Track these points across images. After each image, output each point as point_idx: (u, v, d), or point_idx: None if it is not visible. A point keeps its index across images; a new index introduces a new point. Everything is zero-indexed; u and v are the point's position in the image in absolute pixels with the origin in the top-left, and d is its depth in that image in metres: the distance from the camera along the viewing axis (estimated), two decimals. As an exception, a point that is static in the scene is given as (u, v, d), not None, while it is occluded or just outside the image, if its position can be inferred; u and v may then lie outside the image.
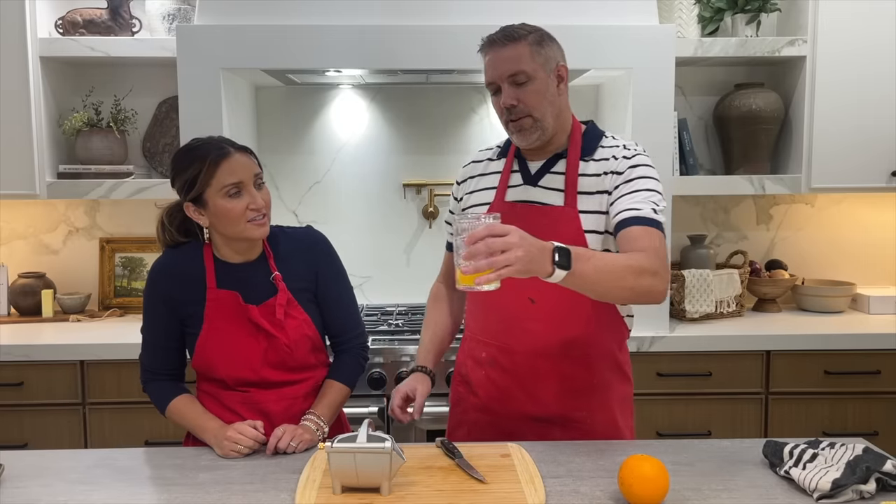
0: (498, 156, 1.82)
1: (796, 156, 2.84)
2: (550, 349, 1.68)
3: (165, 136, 2.97)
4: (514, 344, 1.71)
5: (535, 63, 1.63)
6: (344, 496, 1.35)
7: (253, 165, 1.66)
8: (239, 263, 1.71)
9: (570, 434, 1.69)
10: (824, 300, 2.93)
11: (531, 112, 1.64)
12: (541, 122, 1.65)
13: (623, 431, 1.76)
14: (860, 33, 2.71)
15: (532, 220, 1.64)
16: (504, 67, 1.63)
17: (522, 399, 1.72)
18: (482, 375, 1.77)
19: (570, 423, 1.71)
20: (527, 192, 1.72)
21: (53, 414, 2.51)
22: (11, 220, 3.02)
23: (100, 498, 1.39)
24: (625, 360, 1.78)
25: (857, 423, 2.59)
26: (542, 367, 1.70)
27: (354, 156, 3.05)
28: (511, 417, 1.73)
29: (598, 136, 1.74)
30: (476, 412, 1.79)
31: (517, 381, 1.72)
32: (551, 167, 1.72)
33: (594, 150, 1.70)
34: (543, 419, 1.71)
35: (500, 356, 1.74)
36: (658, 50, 2.51)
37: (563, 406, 1.71)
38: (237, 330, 1.68)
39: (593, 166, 1.68)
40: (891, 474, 1.37)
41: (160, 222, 1.74)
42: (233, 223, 1.63)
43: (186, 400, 1.72)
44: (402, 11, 2.50)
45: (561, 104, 1.70)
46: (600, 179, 1.66)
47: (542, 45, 1.64)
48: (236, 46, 2.48)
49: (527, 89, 1.63)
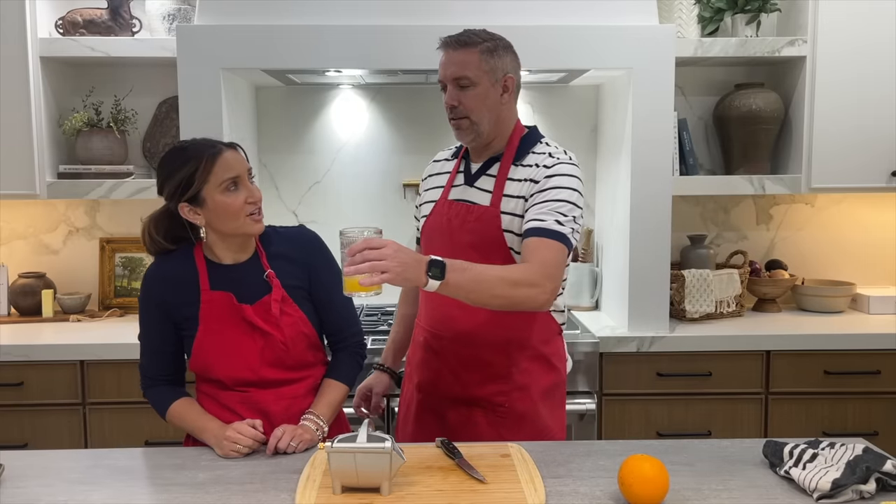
0: (453, 156, 1.95)
1: (796, 156, 2.84)
2: (472, 336, 1.80)
3: (165, 136, 2.98)
4: (442, 330, 1.84)
5: (481, 70, 1.73)
6: (344, 496, 1.35)
7: (244, 160, 1.69)
8: (231, 264, 1.71)
9: (492, 418, 1.80)
10: (824, 300, 2.93)
11: (469, 115, 1.75)
12: (477, 126, 1.76)
13: (546, 420, 1.83)
14: (860, 33, 2.71)
15: (462, 217, 1.81)
16: (451, 70, 1.75)
17: (449, 381, 1.84)
18: (420, 358, 1.91)
19: (492, 406, 1.81)
20: (465, 191, 1.85)
21: (53, 414, 2.51)
22: (11, 220, 3.02)
23: (100, 498, 1.39)
24: (552, 352, 1.85)
25: (857, 423, 2.59)
26: (465, 352, 1.81)
27: (354, 156, 3.05)
28: (441, 398, 1.86)
29: (533, 142, 1.83)
30: (415, 391, 1.92)
31: (445, 365, 1.84)
32: (487, 169, 1.83)
33: (525, 156, 1.80)
34: (468, 401, 1.82)
35: (431, 340, 1.87)
36: (658, 50, 2.51)
37: (484, 390, 1.81)
38: (233, 330, 1.68)
39: (520, 171, 1.78)
40: (891, 474, 1.37)
41: (146, 233, 1.73)
42: (232, 218, 1.64)
43: (186, 402, 1.72)
44: (402, 11, 2.50)
45: (503, 112, 1.79)
46: (522, 185, 1.76)
47: (492, 55, 1.74)
48: (236, 46, 2.48)
49: (468, 93, 1.74)
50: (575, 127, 3.04)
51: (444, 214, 1.85)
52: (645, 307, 2.58)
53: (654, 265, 2.58)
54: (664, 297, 2.59)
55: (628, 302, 2.59)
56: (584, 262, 2.97)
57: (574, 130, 3.04)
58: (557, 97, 3.02)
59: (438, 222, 1.86)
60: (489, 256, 1.73)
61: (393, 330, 2.10)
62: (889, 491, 1.37)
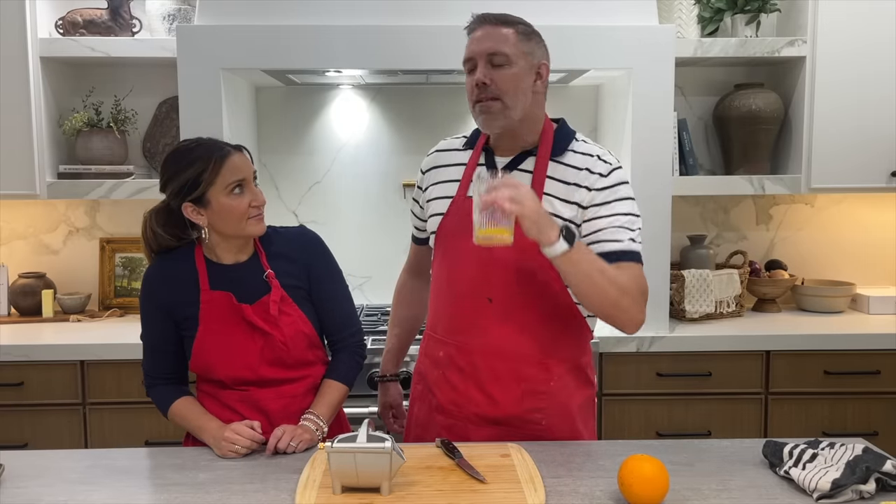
0: (465, 146, 1.77)
1: (796, 156, 2.84)
2: (507, 350, 1.64)
3: (165, 136, 2.97)
4: (471, 343, 1.67)
5: (519, 50, 1.59)
6: (344, 496, 1.35)
7: (250, 164, 1.69)
8: (231, 264, 1.72)
9: (526, 437, 1.64)
10: (824, 300, 2.93)
11: (502, 96, 1.59)
12: (509, 111, 1.60)
13: (583, 436, 1.71)
14: (860, 33, 2.71)
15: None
16: (486, 44, 1.59)
17: (478, 400, 1.67)
18: (438, 375, 1.73)
19: (526, 425, 1.66)
20: None
21: (53, 414, 2.51)
22: (11, 220, 3.02)
23: (100, 498, 1.39)
24: (587, 363, 1.73)
25: (857, 423, 2.59)
26: (499, 367, 1.65)
27: (354, 156, 3.05)
28: (467, 419, 1.69)
29: (569, 136, 1.70)
30: (432, 412, 1.75)
31: (474, 382, 1.67)
32: (519, 164, 1.67)
33: (564, 152, 1.66)
34: (500, 421, 1.67)
35: (457, 355, 1.69)
36: (658, 50, 2.51)
37: (519, 408, 1.66)
38: (233, 330, 1.68)
39: (563, 171, 1.64)
40: (890, 474, 1.37)
41: (148, 227, 1.72)
42: (235, 220, 1.64)
43: (187, 402, 1.72)
44: (402, 11, 2.50)
45: (535, 101, 1.65)
46: (571, 189, 1.62)
47: (529, 38, 1.62)
48: (236, 46, 2.48)
49: (502, 72, 1.58)
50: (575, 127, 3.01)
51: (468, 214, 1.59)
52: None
53: (654, 265, 2.57)
54: (664, 297, 2.59)
55: (628, 302, 2.59)
56: (584, 262, 2.97)
57: (574, 130, 3.03)
58: (557, 97, 3.02)
59: (461, 223, 1.65)
60: (526, 262, 1.61)
61: (390, 334, 1.98)
62: (889, 491, 1.37)
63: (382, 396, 1.97)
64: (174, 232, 1.72)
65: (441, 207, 1.74)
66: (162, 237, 1.72)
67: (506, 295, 1.63)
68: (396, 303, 2.00)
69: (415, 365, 1.86)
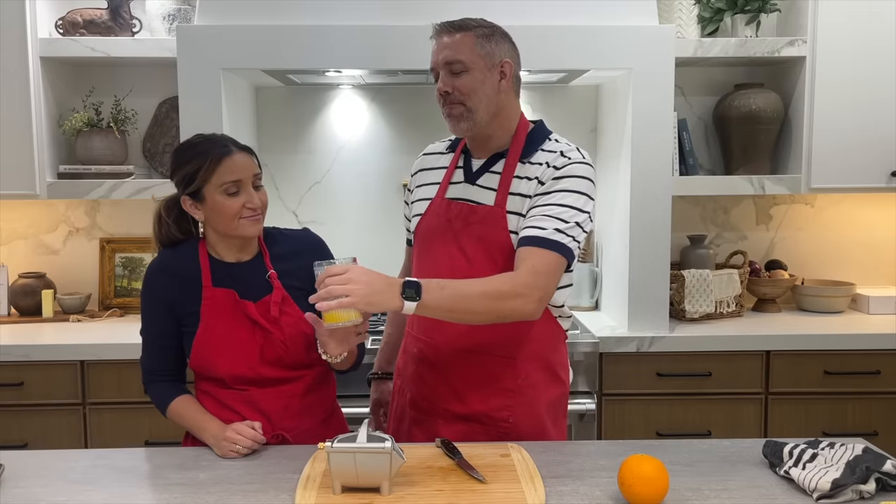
0: (448, 149, 1.83)
1: (796, 156, 2.84)
2: (475, 347, 1.68)
3: (165, 136, 2.97)
4: (440, 340, 1.71)
5: (475, 54, 1.63)
6: (344, 496, 1.35)
7: (253, 166, 1.68)
8: (234, 263, 1.73)
9: (493, 435, 1.67)
10: (824, 300, 2.93)
11: (464, 100, 1.64)
12: (473, 113, 1.64)
13: (551, 435, 1.73)
14: (860, 33, 2.71)
15: (464, 217, 1.70)
16: (443, 54, 1.65)
17: (447, 396, 1.72)
18: (412, 371, 1.78)
19: (493, 422, 1.69)
20: (465, 189, 1.73)
21: (53, 414, 2.51)
22: (11, 220, 3.02)
23: (100, 498, 1.39)
24: (558, 362, 1.75)
25: (857, 423, 2.59)
26: (467, 364, 1.69)
27: (354, 156, 3.05)
28: (437, 414, 1.73)
29: (542, 137, 1.72)
30: (406, 407, 1.80)
31: (443, 378, 1.72)
32: (491, 166, 1.72)
33: (534, 153, 1.69)
34: (468, 418, 1.70)
35: (428, 351, 1.74)
36: (658, 50, 2.51)
37: (486, 405, 1.69)
38: (234, 327, 1.68)
39: (528, 169, 1.68)
40: (890, 474, 1.37)
41: (157, 216, 1.75)
42: (227, 220, 1.65)
43: (186, 400, 1.72)
44: (402, 11, 2.50)
45: (501, 100, 1.68)
46: (529, 184, 1.66)
47: (488, 40, 1.65)
48: (236, 46, 2.48)
49: (462, 78, 1.63)
50: (575, 127, 3.04)
51: (443, 215, 1.73)
52: (645, 307, 2.58)
53: (653, 265, 2.58)
54: (664, 297, 2.59)
55: (628, 302, 2.59)
56: (584, 263, 2.97)
57: (574, 131, 3.03)
58: (557, 97, 3.02)
59: (436, 223, 1.74)
60: (495, 260, 1.65)
61: (385, 332, 2.01)
62: (889, 491, 1.37)
63: (374, 394, 1.99)
64: (183, 225, 1.75)
65: (421, 209, 1.80)
66: (170, 228, 1.74)
67: None
68: None
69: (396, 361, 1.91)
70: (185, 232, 1.76)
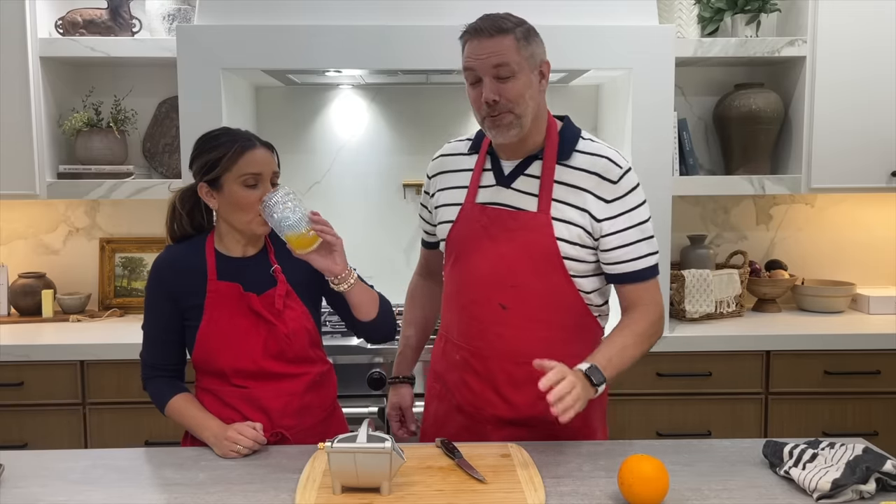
0: (470, 150, 1.76)
1: (796, 156, 2.84)
2: (523, 354, 1.62)
3: (165, 136, 2.97)
4: (486, 349, 1.68)
5: (521, 57, 1.56)
6: (344, 496, 1.35)
7: (273, 163, 1.72)
8: (240, 257, 1.74)
9: (541, 435, 1.66)
10: (824, 300, 2.93)
11: (513, 108, 1.56)
12: (521, 119, 1.58)
13: (596, 430, 1.75)
14: (860, 34, 2.71)
15: (502, 224, 1.64)
16: (489, 60, 1.55)
17: (496, 403, 1.69)
18: (457, 377, 1.74)
19: (543, 424, 1.65)
20: (499, 193, 1.67)
21: (53, 414, 2.51)
22: (11, 220, 3.02)
23: (100, 498, 1.39)
24: None
25: (857, 423, 2.59)
26: (516, 372, 1.66)
27: (354, 156, 3.05)
28: (486, 421, 1.71)
29: (575, 136, 1.67)
30: (452, 412, 1.77)
31: (490, 386, 1.69)
32: (525, 168, 1.66)
33: (570, 154, 1.64)
34: (518, 423, 1.69)
35: (473, 360, 1.70)
36: (658, 50, 2.51)
37: (537, 409, 1.62)
38: (237, 320, 1.69)
39: (570, 175, 1.63)
40: (890, 474, 1.37)
41: (171, 206, 1.77)
42: (242, 213, 1.67)
43: (185, 398, 1.72)
44: (402, 11, 2.50)
45: (541, 102, 1.63)
46: (582, 196, 1.61)
47: (528, 40, 1.58)
48: (236, 46, 2.48)
49: (510, 84, 1.55)
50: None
51: (477, 220, 1.66)
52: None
53: (654, 265, 2.57)
54: (664, 297, 2.59)
55: (628, 302, 2.58)
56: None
57: (574, 130, 3.03)
58: (557, 97, 3.02)
59: (471, 230, 1.67)
60: (538, 267, 1.62)
61: (404, 334, 1.95)
62: (889, 491, 1.37)
63: (393, 397, 1.92)
64: (195, 219, 1.77)
65: (450, 214, 1.73)
66: (182, 220, 1.76)
67: (519, 301, 1.64)
68: (410, 304, 1.99)
69: (430, 364, 1.87)
70: (196, 227, 1.79)
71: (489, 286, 1.66)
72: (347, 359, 2.47)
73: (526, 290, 1.63)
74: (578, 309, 1.67)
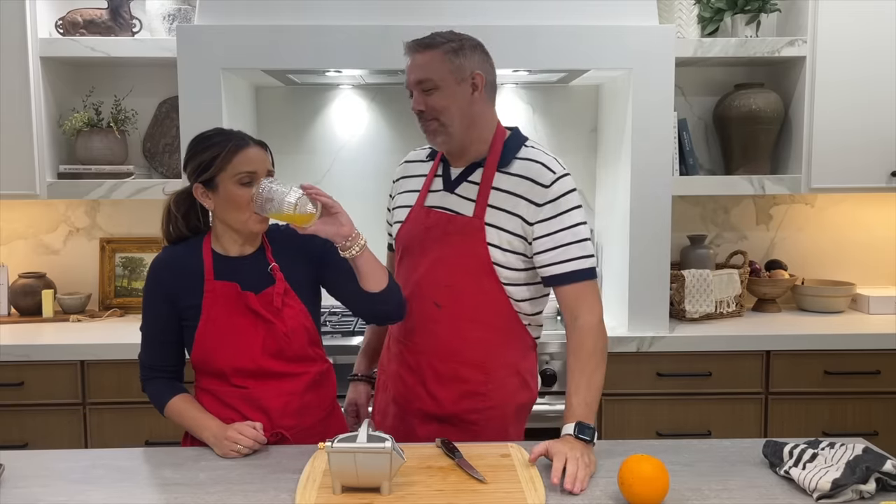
0: (428, 156, 1.88)
1: (796, 156, 2.84)
2: (450, 352, 1.75)
3: (165, 136, 2.97)
4: (420, 344, 1.78)
5: (444, 71, 1.67)
6: (344, 496, 1.35)
7: (267, 161, 1.72)
8: (237, 257, 1.74)
9: (463, 435, 1.71)
10: (824, 300, 2.93)
11: (437, 117, 1.69)
12: (447, 127, 1.70)
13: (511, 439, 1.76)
14: (860, 34, 2.71)
15: (442, 227, 1.74)
16: (413, 74, 1.71)
17: (423, 397, 1.78)
18: (394, 370, 1.85)
19: (464, 424, 1.76)
20: (444, 198, 1.77)
21: (53, 414, 2.51)
22: (11, 220, 3.02)
23: (100, 498, 1.39)
24: (527, 369, 1.81)
25: (857, 423, 2.59)
26: (441, 368, 1.75)
27: (354, 156, 3.05)
28: (413, 413, 1.80)
29: (517, 146, 1.76)
30: (389, 404, 1.87)
31: (419, 380, 1.78)
32: (468, 175, 1.76)
33: (510, 162, 1.73)
34: (441, 418, 1.77)
35: (406, 354, 1.81)
36: (658, 50, 2.51)
37: (458, 407, 1.76)
38: (236, 319, 1.69)
39: (507, 181, 1.72)
40: (891, 474, 1.37)
41: (167, 209, 1.77)
42: (239, 212, 1.67)
43: (185, 399, 1.72)
44: (402, 11, 2.50)
45: (475, 112, 1.72)
46: (515, 201, 1.70)
47: (457, 54, 1.69)
48: (236, 46, 2.48)
49: (433, 96, 1.69)
50: (575, 127, 3.04)
51: (421, 223, 1.78)
52: (645, 307, 2.58)
53: (654, 265, 2.58)
54: (664, 297, 2.59)
55: (628, 302, 2.59)
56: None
57: (574, 131, 3.04)
58: (557, 97, 3.02)
59: (415, 230, 1.79)
60: (472, 271, 1.71)
61: (365, 338, 2.04)
62: (889, 491, 1.37)
63: (351, 394, 2.01)
64: (191, 221, 1.77)
65: (401, 216, 1.85)
66: (178, 222, 1.76)
67: (452, 301, 1.73)
68: None
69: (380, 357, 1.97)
70: (192, 229, 1.78)
71: (426, 284, 1.75)
72: (347, 359, 2.47)
73: (459, 290, 1.72)
74: (508, 315, 1.75)
